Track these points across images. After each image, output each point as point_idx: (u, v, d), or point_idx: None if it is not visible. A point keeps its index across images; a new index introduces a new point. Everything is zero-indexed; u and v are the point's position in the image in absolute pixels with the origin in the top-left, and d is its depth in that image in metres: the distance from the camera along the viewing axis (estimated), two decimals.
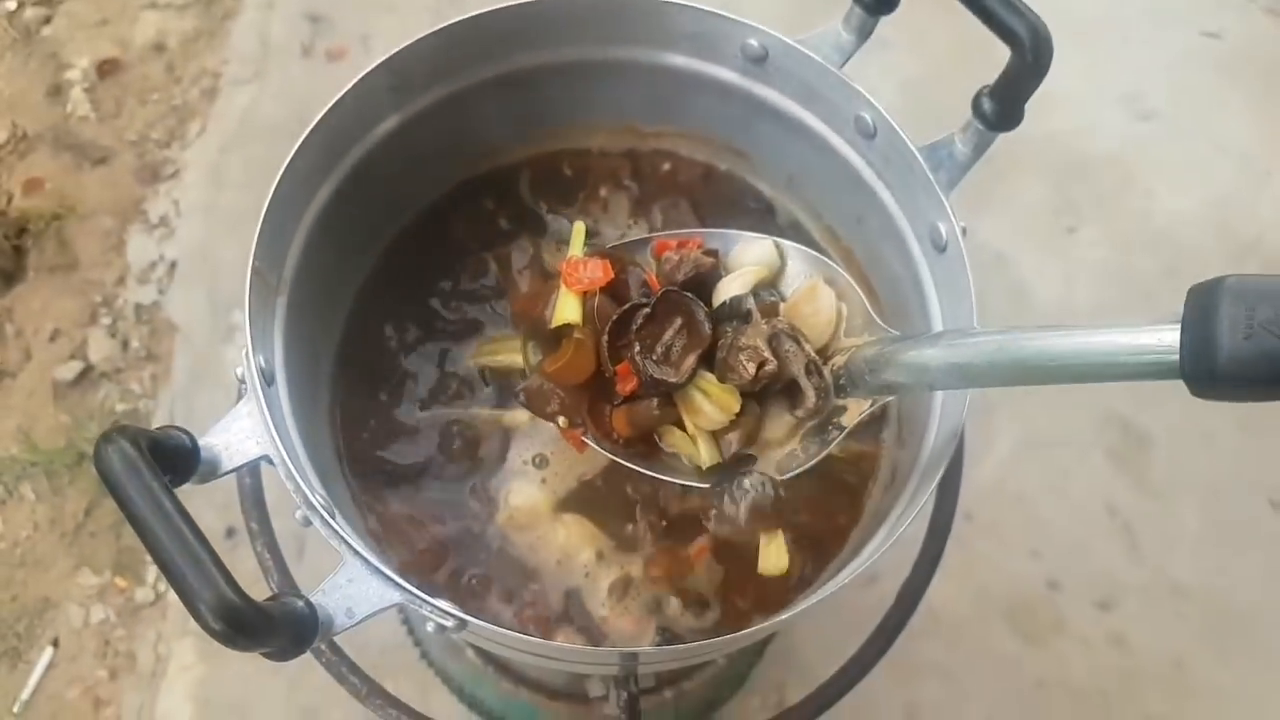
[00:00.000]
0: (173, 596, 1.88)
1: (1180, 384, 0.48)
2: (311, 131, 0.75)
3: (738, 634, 0.69)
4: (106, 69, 2.33)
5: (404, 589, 0.63)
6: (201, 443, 0.65)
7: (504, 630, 0.65)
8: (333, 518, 0.64)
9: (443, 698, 1.75)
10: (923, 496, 0.69)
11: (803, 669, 1.82)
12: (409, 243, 0.94)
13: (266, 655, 0.60)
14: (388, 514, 0.86)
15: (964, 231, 0.73)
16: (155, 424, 2.01)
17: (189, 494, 1.78)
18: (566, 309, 0.78)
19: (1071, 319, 2.07)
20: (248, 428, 0.67)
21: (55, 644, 1.87)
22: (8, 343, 2.09)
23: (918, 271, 0.79)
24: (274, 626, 0.57)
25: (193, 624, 1.70)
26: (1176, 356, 0.54)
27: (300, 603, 0.60)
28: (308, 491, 0.65)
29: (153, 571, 1.90)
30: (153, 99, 2.32)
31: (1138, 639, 1.87)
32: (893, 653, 1.82)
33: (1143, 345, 0.56)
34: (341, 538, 0.64)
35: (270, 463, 0.86)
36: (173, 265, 2.15)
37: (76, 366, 2.04)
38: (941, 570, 1.87)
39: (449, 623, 0.63)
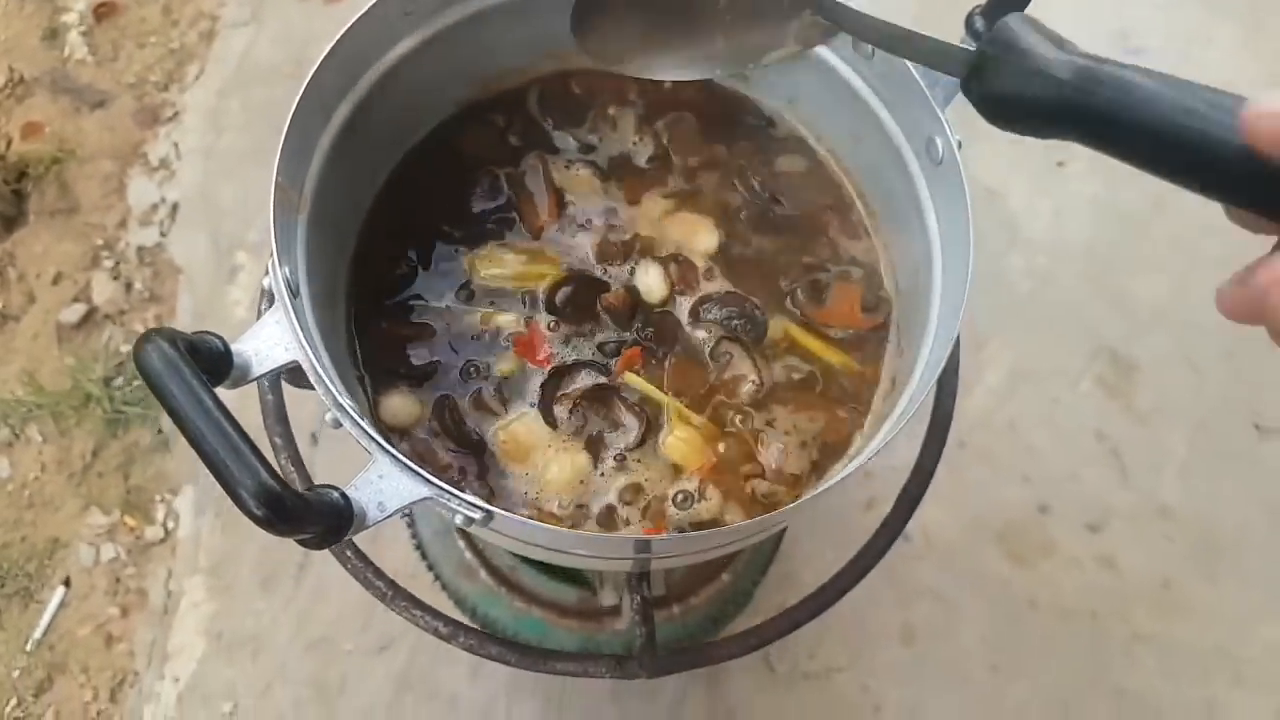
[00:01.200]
0: (182, 534, 1.92)
1: (1166, 315, 0.55)
2: (329, 54, 0.77)
3: (743, 524, 0.72)
4: (103, 12, 2.33)
5: (432, 483, 0.66)
6: (233, 348, 0.68)
7: (529, 521, 0.68)
8: (363, 419, 0.67)
9: (456, 619, 1.80)
10: (922, 394, 0.73)
11: (803, 590, 1.86)
12: (421, 160, 0.96)
13: (304, 543, 0.63)
14: None
15: (959, 145, 0.76)
16: None
17: None
18: None
19: (1063, 252, 2.11)
20: (276, 335, 0.69)
21: (66, 583, 1.91)
22: (10, 287, 2.10)
23: (915, 186, 0.81)
24: (312, 513, 0.60)
25: (203, 560, 1.76)
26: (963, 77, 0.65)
27: (336, 494, 0.63)
28: (336, 394, 0.68)
29: (162, 510, 1.94)
30: (150, 42, 2.32)
31: (1126, 560, 1.92)
32: (889, 576, 1.88)
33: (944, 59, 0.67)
34: (371, 436, 0.66)
35: (297, 369, 0.90)
36: (174, 207, 2.17)
37: (80, 309, 2.06)
38: (935, 496, 1.91)
39: (476, 515, 0.66)
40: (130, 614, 1.88)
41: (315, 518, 0.61)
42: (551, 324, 0.91)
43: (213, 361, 0.66)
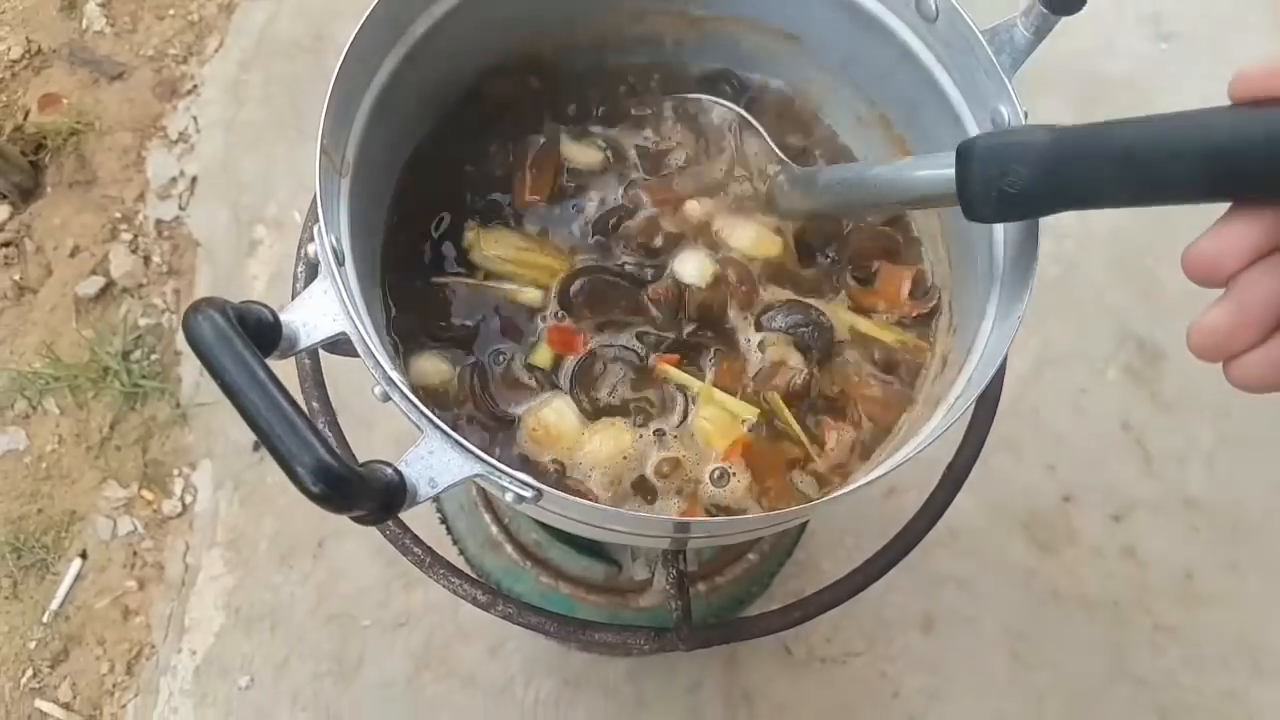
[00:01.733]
0: (200, 507, 1.91)
1: (1193, 302, 0.55)
2: (372, 12, 0.75)
3: (790, 510, 0.71)
4: None
5: (483, 460, 0.64)
6: (281, 318, 0.66)
7: (581, 501, 0.66)
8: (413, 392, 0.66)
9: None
10: (984, 378, 0.71)
11: (821, 578, 1.85)
12: (456, 124, 0.94)
13: (358, 519, 0.62)
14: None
15: (1026, 115, 0.74)
16: (179, 341, 2.03)
17: (213, 407, 1.80)
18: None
19: (1089, 237, 2.10)
20: (323, 305, 0.68)
21: (83, 556, 1.90)
22: (28, 259, 2.09)
23: None
24: (367, 490, 0.58)
25: (220, 534, 1.75)
26: (955, 194, 0.68)
27: (390, 470, 0.61)
28: (386, 366, 0.66)
29: (180, 483, 1.93)
30: (169, 14, 2.30)
31: (1150, 550, 1.91)
32: (911, 564, 1.86)
33: (940, 179, 0.71)
34: (422, 411, 0.65)
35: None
36: (193, 181, 2.15)
37: (98, 282, 2.05)
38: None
39: (527, 493, 0.65)
40: (147, 587, 1.87)
41: (370, 495, 0.59)
42: (563, 315, 0.89)
43: (262, 332, 0.64)
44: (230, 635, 1.84)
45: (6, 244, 2.09)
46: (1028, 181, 0.62)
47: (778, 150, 0.93)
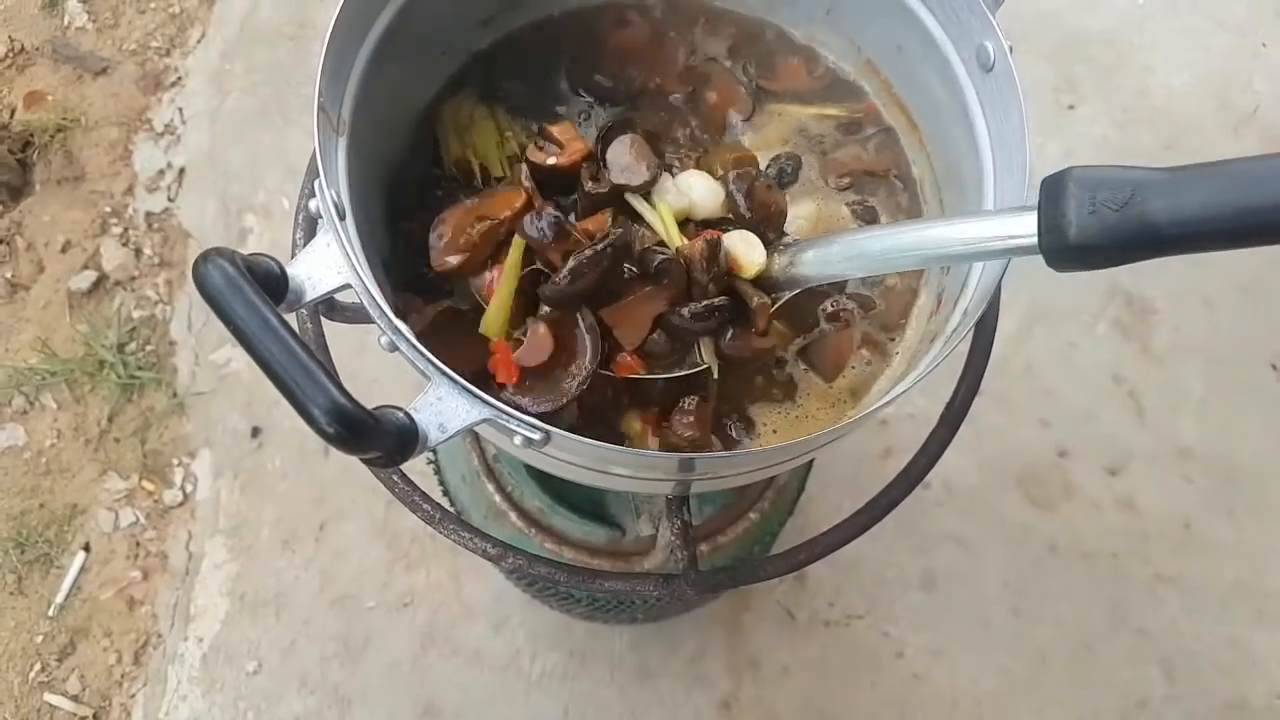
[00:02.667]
0: (201, 496, 1.92)
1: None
2: None
3: (792, 442, 0.72)
4: None
5: (491, 404, 0.65)
6: (288, 271, 0.67)
7: (585, 440, 0.67)
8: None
9: (477, 558, 1.80)
10: (978, 310, 0.72)
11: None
12: (457, 86, 0.95)
13: (371, 461, 0.63)
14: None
15: (1011, 50, 0.75)
16: (173, 331, 2.03)
17: (210, 396, 1.80)
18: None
19: None
20: (327, 258, 0.68)
21: (86, 548, 1.91)
22: (19, 256, 2.09)
23: (963, 95, 0.80)
24: (382, 431, 0.59)
25: (222, 522, 1.76)
26: (1035, 238, 0.62)
27: (401, 414, 0.62)
28: (391, 315, 0.67)
29: (180, 473, 1.94)
30: (150, 7, 2.30)
31: (1146, 502, 1.93)
32: (909, 525, 1.89)
33: (1007, 229, 0.66)
34: (429, 359, 0.66)
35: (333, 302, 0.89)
36: (181, 172, 2.16)
37: (90, 276, 2.05)
38: (954, 443, 1.92)
39: (536, 435, 0.66)
40: (152, 577, 1.88)
41: (383, 437, 0.60)
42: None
43: (270, 283, 0.65)
44: (236, 621, 1.85)
45: None
46: (1144, 204, 0.57)
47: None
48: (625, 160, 0.85)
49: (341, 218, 0.73)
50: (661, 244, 0.82)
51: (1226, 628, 1.85)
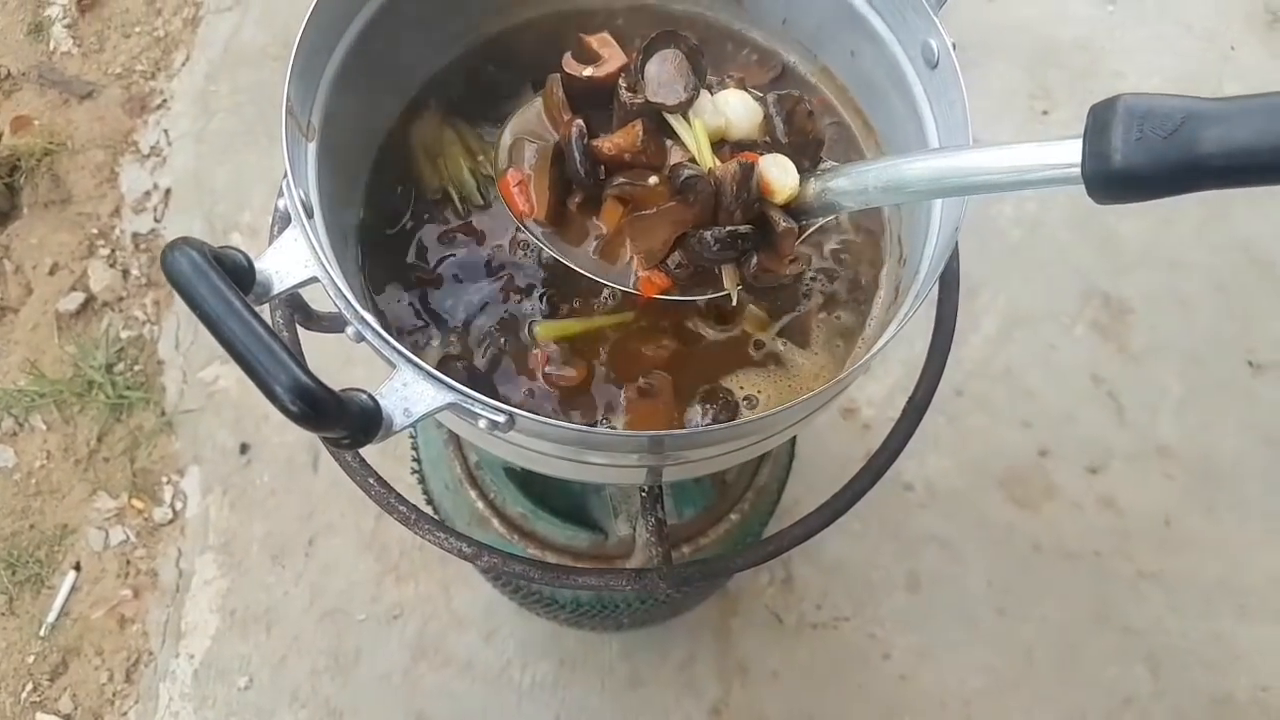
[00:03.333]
0: (191, 513, 1.93)
1: (1153, 255, 0.56)
2: None
3: (758, 417, 0.74)
4: (86, 4, 2.34)
5: (455, 389, 0.67)
6: (255, 265, 0.69)
7: (551, 421, 0.69)
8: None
9: (467, 568, 1.84)
10: (928, 287, 0.74)
11: (807, 545, 1.88)
12: (429, 99, 0.97)
13: (336, 442, 0.65)
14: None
15: (954, 46, 0.77)
16: (161, 350, 2.05)
17: (198, 414, 1.81)
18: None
19: (1050, 198, 2.14)
20: (295, 253, 0.70)
21: (77, 568, 1.92)
22: (7, 279, 2.11)
23: (912, 92, 0.83)
24: (345, 410, 0.61)
25: (212, 538, 1.77)
26: (1078, 165, 0.60)
27: (365, 396, 0.64)
28: (357, 306, 0.69)
29: (169, 491, 1.95)
30: (135, 31, 2.33)
31: (1127, 500, 1.94)
32: (893, 526, 1.91)
33: (1049, 157, 0.63)
34: (394, 346, 0.68)
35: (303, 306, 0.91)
36: (167, 193, 2.18)
37: (78, 298, 2.07)
38: (935, 445, 1.95)
39: (500, 418, 0.67)
40: (142, 595, 1.89)
41: (348, 417, 0.62)
42: None
43: (238, 274, 0.67)
44: (227, 637, 1.86)
45: None
46: (1182, 129, 0.56)
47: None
48: (664, 76, 0.82)
49: (309, 215, 0.75)
50: (693, 160, 0.81)
51: (1210, 623, 1.87)
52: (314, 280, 0.71)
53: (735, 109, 0.83)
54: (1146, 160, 0.57)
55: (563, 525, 1.27)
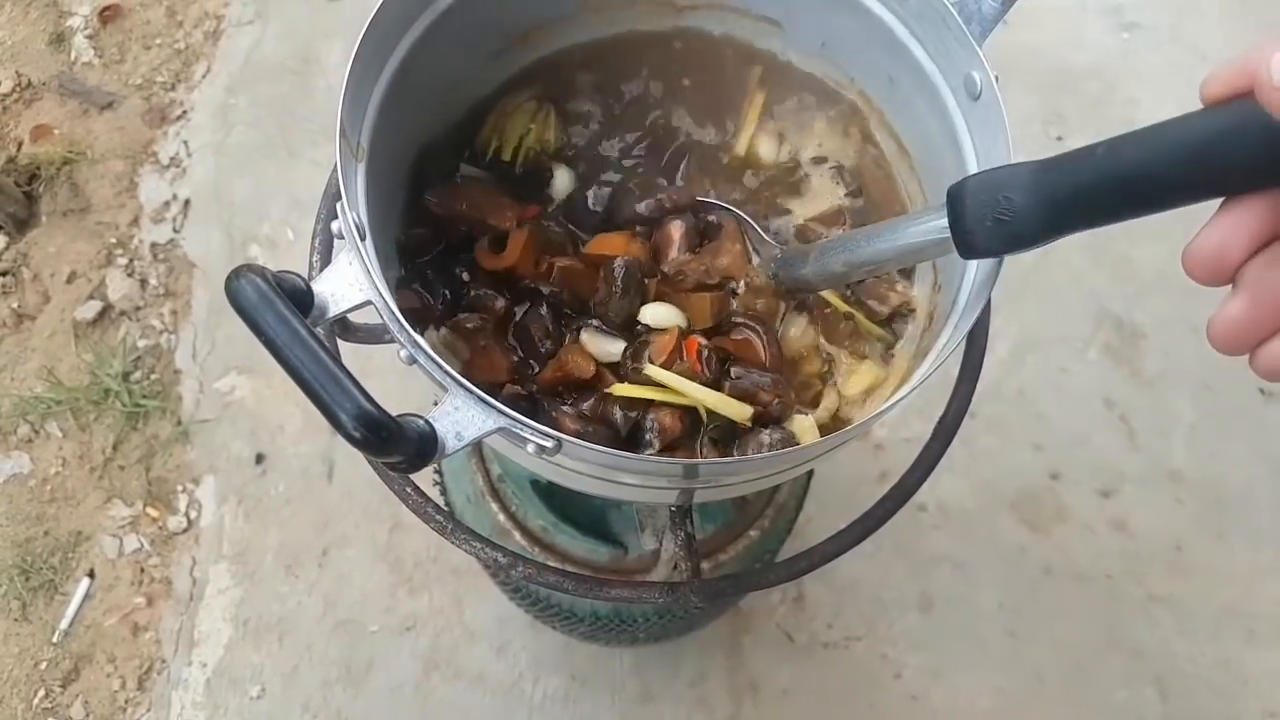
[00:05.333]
0: (205, 522, 1.94)
1: (1167, 281, 0.60)
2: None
3: (791, 450, 0.75)
4: (108, 15, 2.36)
5: (506, 414, 0.68)
6: (313, 288, 0.70)
7: (595, 448, 0.70)
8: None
9: (481, 581, 1.85)
10: (965, 327, 0.75)
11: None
12: (466, 123, 0.99)
13: (394, 465, 0.66)
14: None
15: (997, 79, 0.78)
16: (178, 360, 2.06)
17: (214, 423, 1.83)
18: None
19: None
20: (349, 276, 0.71)
21: (91, 575, 1.93)
22: (25, 286, 2.12)
23: (952, 122, 0.84)
24: (405, 437, 0.62)
25: (226, 548, 1.79)
26: (949, 237, 0.69)
27: (422, 422, 0.65)
28: (411, 330, 0.70)
29: (184, 500, 1.96)
30: (156, 43, 2.35)
31: (1138, 524, 1.95)
32: (906, 547, 1.92)
33: (930, 229, 0.73)
34: (446, 371, 0.68)
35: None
36: (186, 204, 2.19)
37: (96, 306, 2.08)
38: (948, 467, 1.95)
39: (549, 444, 0.68)
40: (156, 603, 1.90)
41: (405, 443, 0.63)
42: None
43: (298, 299, 0.68)
44: (240, 647, 1.87)
45: (4, 273, 2.12)
46: (1019, 207, 0.64)
47: (768, 238, 0.97)
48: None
49: (363, 238, 0.76)
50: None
51: (1219, 648, 1.88)
52: (367, 303, 0.72)
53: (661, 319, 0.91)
54: (1001, 241, 0.66)
55: (583, 539, 1.28)
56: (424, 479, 1.50)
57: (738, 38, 1.01)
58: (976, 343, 0.98)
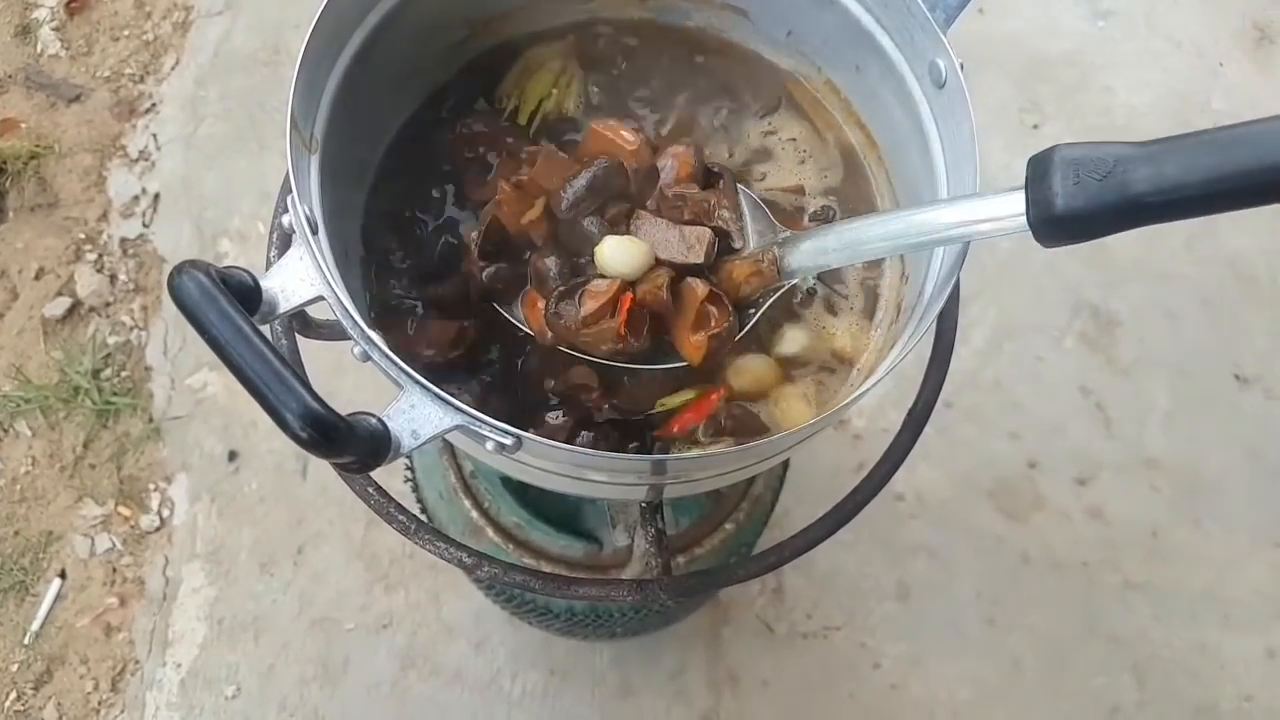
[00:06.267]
0: (178, 521, 1.92)
1: (1142, 269, 0.59)
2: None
3: (760, 442, 0.73)
4: (75, 7, 2.33)
5: (463, 411, 0.67)
6: (261, 284, 0.69)
7: (555, 444, 0.69)
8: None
9: (457, 577, 1.83)
10: (932, 314, 0.74)
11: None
12: (431, 111, 0.97)
13: (345, 466, 0.64)
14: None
15: (962, 67, 0.77)
16: (149, 356, 2.04)
17: (186, 420, 1.81)
18: None
19: None
20: (300, 271, 0.70)
21: (62, 575, 1.90)
22: None
23: (918, 110, 0.83)
24: (354, 436, 0.61)
25: (200, 546, 1.77)
26: (1023, 214, 0.65)
27: (374, 420, 0.64)
28: (363, 325, 0.69)
29: (156, 498, 1.94)
30: (124, 35, 2.32)
31: (1115, 511, 1.96)
32: (883, 536, 1.91)
33: (997, 209, 0.67)
34: (401, 368, 0.67)
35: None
36: (155, 198, 2.17)
37: (65, 303, 2.06)
38: (926, 456, 1.96)
39: (507, 440, 0.67)
40: (129, 603, 1.88)
41: (356, 442, 0.61)
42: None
43: (244, 296, 0.67)
44: (214, 646, 1.85)
45: None
46: (1130, 172, 0.59)
47: (774, 220, 0.91)
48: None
49: (314, 232, 0.74)
50: None
51: (1195, 634, 1.88)
52: (320, 299, 0.71)
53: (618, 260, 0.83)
54: (1085, 203, 0.61)
55: (557, 535, 1.27)
56: (395, 476, 1.48)
57: (704, 26, 1.01)
58: (945, 335, 0.97)
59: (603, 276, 0.82)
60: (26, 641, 1.85)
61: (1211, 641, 1.88)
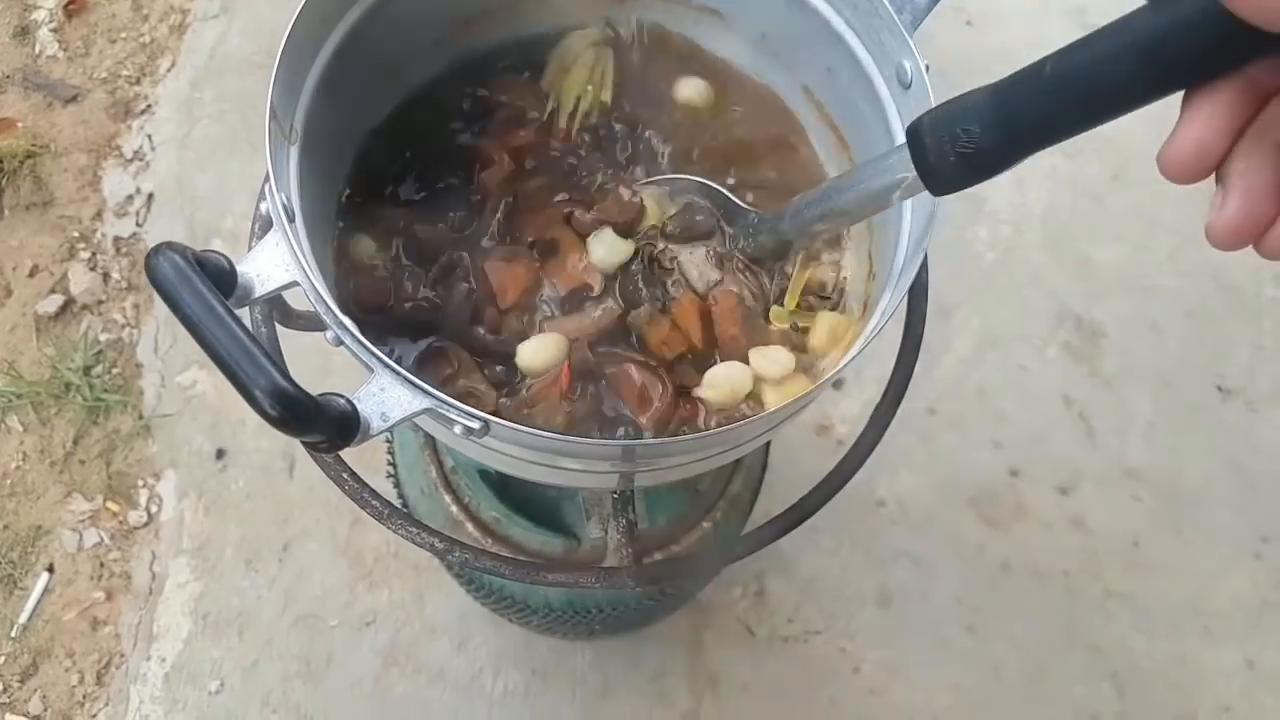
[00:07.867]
0: (165, 517, 1.94)
1: (1127, 280, 0.60)
2: None
3: (735, 425, 0.75)
4: (73, 9, 2.35)
5: (431, 394, 0.68)
6: (237, 268, 0.70)
7: (524, 429, 0.70)
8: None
9: (441, 576, 1.85)
10: (898, 298, 0.76)
11: (780, 559, 1.91)
12: (410, 109, 0.99)
13: (314, 445, 0.66)
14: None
15: (927, 68, 0.79)
16: (140, 354, 2.05)
17: (175, 418, 1.82)
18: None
19: (1024, 221, 2.17)
20: (275, 257, 0.71)
21: (50, 569, 1.92)
22: None
23: (886, 112, 0.85)
24: (324, 415, 0.62)
25: (186, 542, 1.78)
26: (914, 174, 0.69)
27: (343, 400, 0.65)
28: (336, 310, 0.70)
29: (145, 494, 1.95)
30: (121, 36, 2.34)
31: (1096, 521, 1.97)
32: (865, 542, 1.93)
33: (896, 177, 0.72)
34: (371, 351, 0.69)
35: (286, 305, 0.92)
36: (149, 198, 2.19)
37: (58, 300, 2.07)
38: (908, 462, 1.97)
39: (475, 424, 0.68)
40: (115, 597, 1.89)
41: (325, 421, 0.63)
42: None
43: (219, 278, 0.68)
44: (199, 641, 1.86)
45: None
46: (980, 137, 0.63)
47: (744, 205, 0.96)
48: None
49: (291, 219, 0.76)
50: None
51: (1176, 644, 1.89)
52: (294, 284, 0.73)
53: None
54: (958, 164, 0.65)
55: (536, 530, 1.28)
56: (377, 471, 1.50)
57: (677, 28, 1.02)
58: (913, 331, 0.98)
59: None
60: (13, 634, 1.86)
61: (1192, 651, 1.89)
